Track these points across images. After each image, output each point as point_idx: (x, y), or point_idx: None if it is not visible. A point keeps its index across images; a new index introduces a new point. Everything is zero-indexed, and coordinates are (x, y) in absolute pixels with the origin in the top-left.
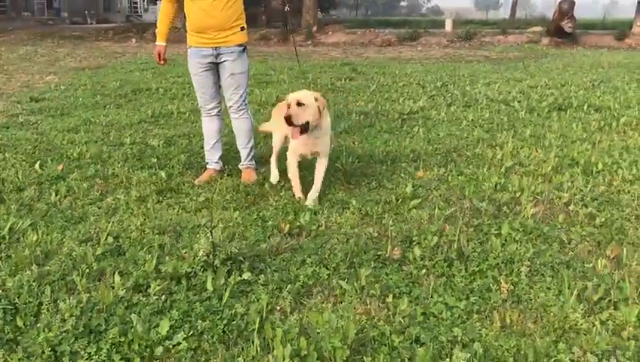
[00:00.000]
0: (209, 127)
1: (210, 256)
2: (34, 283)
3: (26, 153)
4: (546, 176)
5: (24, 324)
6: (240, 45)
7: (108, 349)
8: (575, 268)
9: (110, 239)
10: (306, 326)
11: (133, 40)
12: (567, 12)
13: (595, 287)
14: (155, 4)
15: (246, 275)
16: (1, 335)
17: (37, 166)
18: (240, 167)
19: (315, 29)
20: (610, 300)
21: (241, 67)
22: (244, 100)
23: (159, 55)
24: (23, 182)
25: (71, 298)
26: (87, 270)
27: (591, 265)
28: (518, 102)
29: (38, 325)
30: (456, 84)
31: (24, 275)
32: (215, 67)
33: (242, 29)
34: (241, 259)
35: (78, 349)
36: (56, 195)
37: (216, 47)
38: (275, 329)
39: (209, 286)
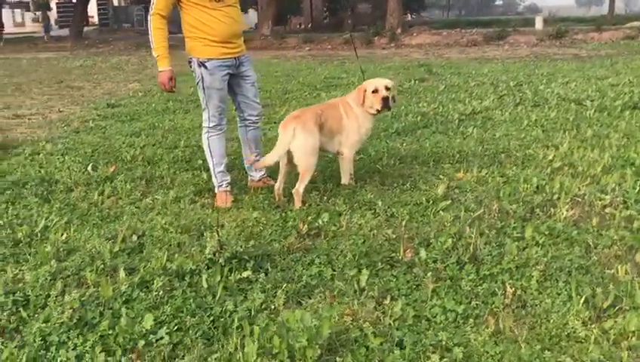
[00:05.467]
0: (221, 145)
1: (217, 255)
2: (49, 277)
3: (84, 156)
4: (595, 178)
5: (28, 315)
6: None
7: (94, 341)
8: (593, 273)
9: (135, 237)
10: (283, 324)
11: None
12: None
13: (605, 294)
14: (247, 12)
15: (246, 273)
16: (6, 324)
17: (89, 168)
18: (257, 179)
19: (399, 31)
20: (620, 308)
21: (255, 74)
22: None
23: (170, 80)
24: (75, 183)
25: (75, 291)
26: (102, 266)
27: (612, 271)
28: (591, 101)
29: (37, 316)
30: (532, 83)
31: (42, 270)
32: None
33: None
34: (246, 257)
35: (66, 340)
36: (100, 195)
37: (237, 57)
38: (252, 326)
39: (204, 283)
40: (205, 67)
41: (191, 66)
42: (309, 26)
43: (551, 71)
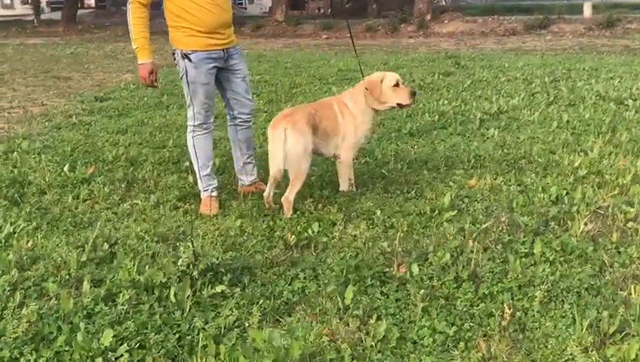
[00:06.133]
0: (208, 145)
1: (191, 266)
2: (8, 288)
3: (63, 155)
4: (623, 188)
5: None
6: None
7: (49, 357)
8: (604, 294)
9: (106, 246)
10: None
11: None
12: None
13: (612, 317)
14: None
15: (220, 287)
16: None
17: (66, 168)
18: (247, 184)
19: (428, 17)
20: (627, 333)
21: (247, 68)
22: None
23: (150, 74)
24: (49, 185)
25: (34, 304)
26: (67, 276)
27: (625, 292)
28: (634, 100)
29: None
30: (570, 78)
31: (2, 279)
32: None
33: None
34: (223, 270)
35: (18, 356)
36: (76, 199)
37: (226, 49)
38: (219, 345)
39: (172, 297)
40: (189, 59)
41: (175, 59)
42: (329, 10)
43: (594, 65)
